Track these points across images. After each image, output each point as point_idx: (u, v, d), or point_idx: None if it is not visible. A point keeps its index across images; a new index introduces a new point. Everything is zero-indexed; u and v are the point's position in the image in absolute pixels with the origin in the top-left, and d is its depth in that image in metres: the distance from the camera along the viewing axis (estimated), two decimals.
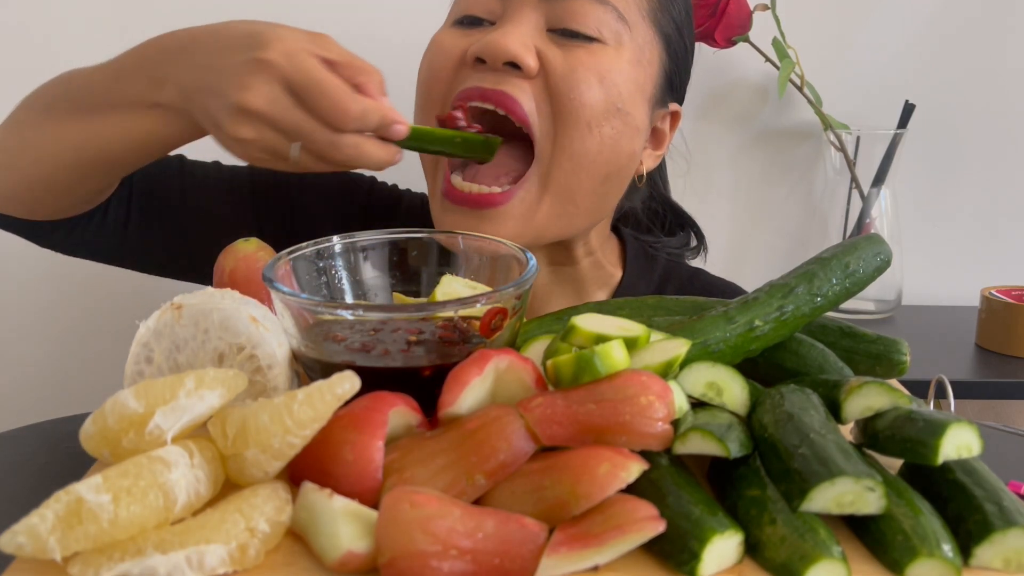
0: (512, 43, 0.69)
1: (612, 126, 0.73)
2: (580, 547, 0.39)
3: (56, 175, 0.71)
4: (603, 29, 0.72)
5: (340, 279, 0.61)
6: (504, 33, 0.70)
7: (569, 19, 0.72)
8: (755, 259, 1.38)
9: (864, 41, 1.31)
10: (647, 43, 0.77)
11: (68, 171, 0.71)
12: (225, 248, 0.64)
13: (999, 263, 1.38)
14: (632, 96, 0.75)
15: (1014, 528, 0.40)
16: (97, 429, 0.43)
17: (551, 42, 0.72)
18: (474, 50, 0.71)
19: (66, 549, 0.38)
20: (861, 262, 0.58)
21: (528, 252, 0.57)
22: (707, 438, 0.44)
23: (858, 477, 0.40)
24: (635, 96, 0.76)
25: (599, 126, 0.72)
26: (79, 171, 0.71)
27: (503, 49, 0.69)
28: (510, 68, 0.70)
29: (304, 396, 0.43)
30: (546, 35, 0.73)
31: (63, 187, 0.73)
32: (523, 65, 0.70)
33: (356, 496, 0.42)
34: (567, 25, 0.72)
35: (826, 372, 0.57)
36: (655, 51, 0.78)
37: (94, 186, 0.75)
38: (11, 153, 0.72)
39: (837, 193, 1.31)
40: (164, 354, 0.50)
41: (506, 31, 0.70)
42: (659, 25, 0.78)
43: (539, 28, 0.72)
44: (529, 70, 0.70)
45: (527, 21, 0.72)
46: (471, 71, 0.72)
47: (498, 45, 0.69)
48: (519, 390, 0.48)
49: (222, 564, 0.39)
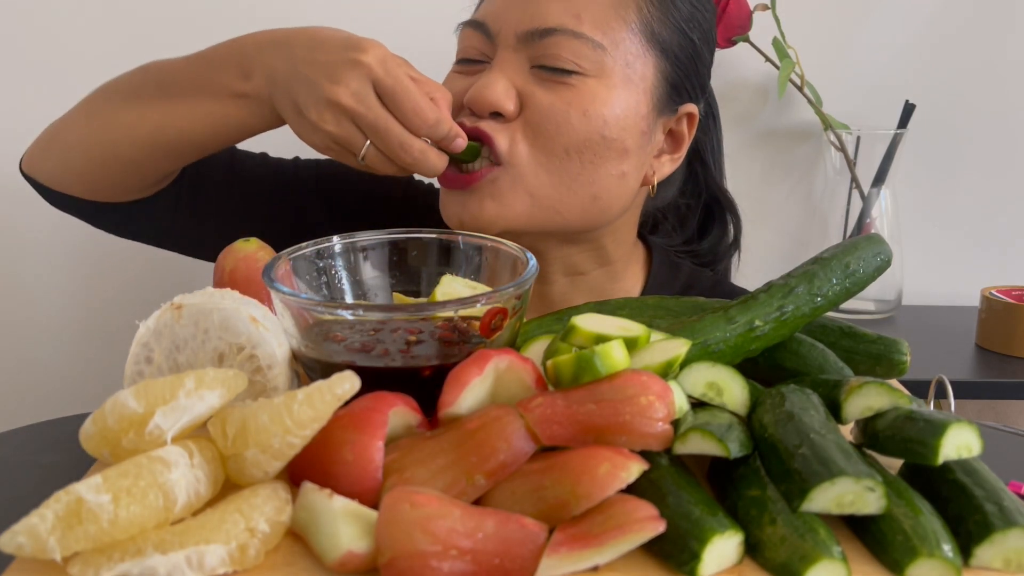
0: (491, 93, 0.74)
1: (594, 152, 0.76)
2: (580, 547, 0.39)
3: (132, 154, 0.76)
4: (582, 62, 0.75)
5: (340, 279, 0.61)
6: (486, 84, 0.74)
7: (547, 57, 0.75)
8: (755, 259, 1.38)
9: (864, 41, 1.30)
10: (636, 58, 0.77)
11: (145, 151, 0.76)
12: (225, 248, 0.64)
13: (999, 263, 1.38)
14: (622, 120, 0.76)
15: (1014, 528, 0.40)
16: (97, 429, 0.43)
17: (534, 80, 0.76)
18: (466, 101, 0.76)
19: (66, 549, 0.38)
20: (861, 262, 0.58)
21: (528, 252, 0.57)
22: (707, 438, 0.44)
23: (858, 477, 0.40)
24: (627, 118, 0.77)
25: (579, 153, 0.76)
26: (155, 152, 0.76)
27: (484, 101, 0.74)
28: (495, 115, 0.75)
29: (304, 396, 0.43)
30: (530, 73, 0.76)
31: (134, 168, 0.78)
32: (503, 112, 0.74)
33: (356, 496, 0.42)
34: (546, 63, 0.75)
35: (826, 372, 0.57)
36: (648, 64, 0.78)
37: (166, 168, 0.80)
38: (84, 135, 0.78)
39: (837, 193, 1.31)
40: (164, 354, 0.50)
41: (489, 80, 0.75)
42: (652, 35, 0.78)
43: (523, 68, 0.76)
44: (509, 115, 0.75)
45: (510, 64, 0.76)
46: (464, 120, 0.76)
47: (481, 97, 0.74)
48: (519, 390, 0.48)
49: (222, 564, 0.39)
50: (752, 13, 1.20)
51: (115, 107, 0.77)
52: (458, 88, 0.77)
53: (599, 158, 0.76)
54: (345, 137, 0.67)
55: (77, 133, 0.78)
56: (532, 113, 0.75)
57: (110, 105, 0.77)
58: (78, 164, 0.79)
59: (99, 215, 0.84)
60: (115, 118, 0.76)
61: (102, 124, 0.77)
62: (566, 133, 0.74)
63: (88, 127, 0.78)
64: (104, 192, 0.81)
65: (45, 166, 0.81)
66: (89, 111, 0.79)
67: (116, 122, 0.76)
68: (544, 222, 0.78)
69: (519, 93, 0.75)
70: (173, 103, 0.74)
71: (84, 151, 0.78)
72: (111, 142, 0.76)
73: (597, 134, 0.75)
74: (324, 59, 0.67)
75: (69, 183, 0.80)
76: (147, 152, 0.76)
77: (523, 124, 0.75)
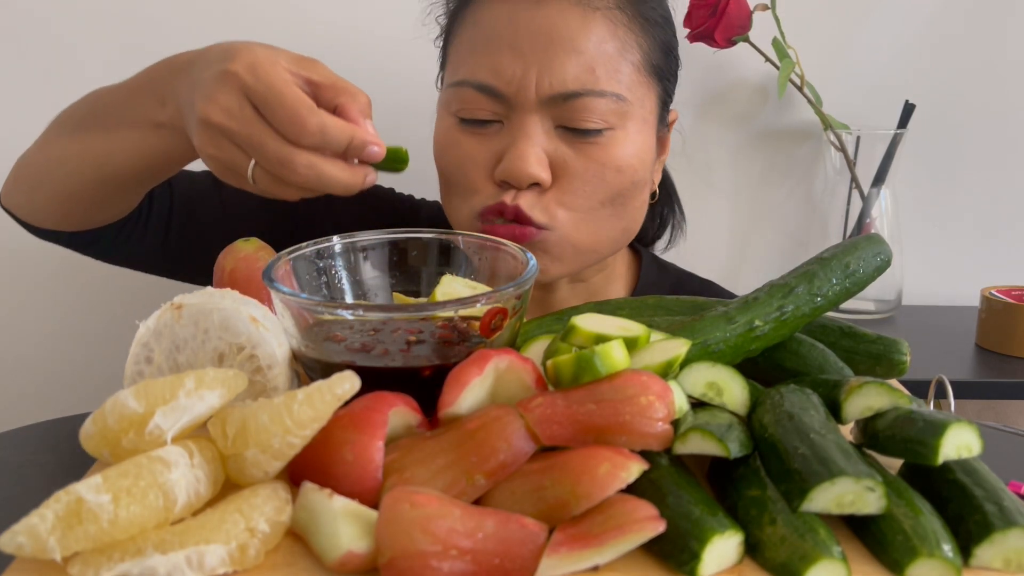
0: (528, 166, 0.73)
1: (624, 196, 0.78)
2: (580, 547, 0.39)
3: (82, 190, 0.74)
4: (608, 117, 0.75)
5: (340, 279, 0.61)
6: (521, 156, 0.73)
7: (574, 120, 0.75)
8: (755, 259, 1.38)
9: (864, 41, 1.30)
10: (645, 95, 0.79)
11: (92, 186, 0.74)
12: (225, 248, 0.64)
13: (999, 263, 1.38)
14: (644, 159, 0.79)
15: (1014, 528, 0.40)
16: (97, 429, 0.43)
17: (561, 141, 0.76)
18: (499, 175, 0.75)
19: (66, 549, 0.38)
20: (861, 262, 0.58)
21: (528, 253, 0.57)
22: (707, 438, 0.44)
23: (858, 477, 0.40)
24: (647, 155, 0.80)
25: (612, 201, 0.78)
26: (102, 187, 0.74)
27: (523, 175, 0.73)
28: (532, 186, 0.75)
29: (304, 396, 0.43)
30: (555, 133, 0.76)
31: (89, 201, 0.76)
32: (541, 182, 0.75)
33: (356, 496, 0.42)
34: (573, 125, 0.75)
35: (826, 372, 0.57)
36: (651, 94, 0.80)
37: (118, 200, 0.77)
38: (41, 169, 0.76)
39: (837, 193, 1.31)
40: (164, 354, 0.50)
41: (522, 152, 0.74)
42: (651, 66, 0.79)
43: (548, 129, 0.76)
44: (545, 183, 0.75)
45: (535, 129, 0.75)
46: (496, 188, 0.76)
47: (521, 173, 0.73)
48: (519, 390, 0.48)
49: (222, 564, 0.39)
50: (752, 13, 1.20)
51: (63, 140, 0.74)
52: (476, 153, 0.76)
53: (629, 199, 0.79)
54: (227, 159, 0.58)
55: (35, 167, 0.76)
56: (568, 180, 0.75)
57: (60, 138, 0.75)
58: (41, 198, 0.77)
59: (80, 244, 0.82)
60: (64, 151, 0.74)
61: (55, 157, 0.74)
62: (602, 191, 0.76)
63: (44, 161, 0.75)
64: (75, 222, 0.79)
65: (16, 200, 0.79)
66: (43, 144, 0.77)
67: (65, 155, 0.73)
68: (586, 262, 0.81)
69: (550, 159, 0.75)
70: (109, 135, 0.71)
71: (44, 185, 0.76)
72: (64, 175, 0.74)
73: (628, 182, 0.78)
74: (200, 77, 0.60)
75: (40, 217, 0.78)
76: (94, 187, 0.73)
77: (559, 191, 0.76)
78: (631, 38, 0.77)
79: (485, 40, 0.76)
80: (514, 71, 0.74)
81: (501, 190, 0.76)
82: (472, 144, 0.77)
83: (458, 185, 0.79)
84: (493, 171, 0.76)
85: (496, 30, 0.75)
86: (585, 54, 0.74)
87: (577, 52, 0.73)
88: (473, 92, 0.75)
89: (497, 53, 0.74)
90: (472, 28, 0.78)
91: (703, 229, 1.34)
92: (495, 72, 0.74)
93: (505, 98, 0.75)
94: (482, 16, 0.77)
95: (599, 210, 0.77)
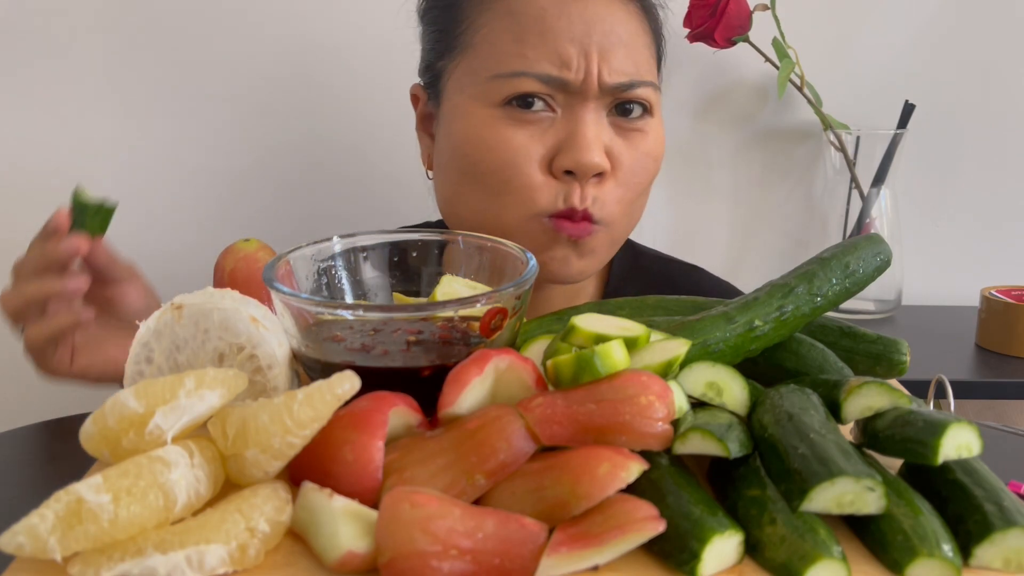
0: (596, 156, 0.75)
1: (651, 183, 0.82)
2: (580, 547, 0.39)
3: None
4: (650, 107, 0.79)
5: (340, 279, 0.61)
6: (588, 146, 0.74)
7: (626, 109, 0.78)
8: (755, 259, 1.38)
9: (864, 41, 1.30)
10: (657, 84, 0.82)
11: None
12: (225, 248, 0.64)
13: (999, 263, 1.38)
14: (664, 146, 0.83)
15: (1014, 528, 0.40)
16: (97, 429, 0.43)
17: (613, 129, 0.78)
18: (565, 165, 0.75)
19: (66, 549, 0.38)
20: (861, 262, 0.58)
21: (528, 252, 0.57)
22: (707, 438, 0.44)
23: (858, 477, 0.40)
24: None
25: (645, 190, 0.81)
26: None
27: (593, 165, 0.75)
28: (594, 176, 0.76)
29: (304, 396, 0.43)
30: (606, 121, 0.78)
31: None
32: (605, 172, 0.76)
33: (356, 496, 0.42)
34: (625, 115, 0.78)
35: (826, 372, 0.57)
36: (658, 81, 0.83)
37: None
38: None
39: (837, 193, 1.31)
40: (164, 354, 0.50)
41: (588, 143, 0.75)
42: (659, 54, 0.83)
43: (602, 119, 0.77)
44: (608, 173, 0.77)
45: (595, 119, 0.76)
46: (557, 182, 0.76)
47: (589, 163, 0.74)
48: (519, 390, 0.48)
49: (222, 564, 0.39)
50: (752, 13, 1.20)
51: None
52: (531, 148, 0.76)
53: (651, 186, 0.82)
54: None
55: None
56: (621, 172, 0.78)
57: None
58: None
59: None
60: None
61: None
62: (644, 180, 0.80)
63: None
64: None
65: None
66: None
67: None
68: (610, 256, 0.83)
69: (606, 148, 0.77)
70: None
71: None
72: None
73: (657, 168, 0.81)
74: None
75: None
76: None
77: (614, 183, 0.77)
78: (649, 31, 0.80)
79: (537, 30, 0.75)
80: (579, 61, 0.75)
81: (565, 187, 0.76)
82: (521, 133, 0.76)
83: (509, 184, 0.77)
84: (549, 164, 0.76)
85: (546, 20, 0.76)
86: (630, 45, 0.77)
87: (623, 44, 0.76)
88: (534, 82, 0.75)
89: (555, 42, 0.75)
90: (508, 18, 0.76)
91: (703, 229, 1.35)
92: (560, 62, 0.75)
93: (571, 88, 0.75)
94: (522, 5, 0.76)
95: (635, 201, 0.80)
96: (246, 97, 1.22)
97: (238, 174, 1.24)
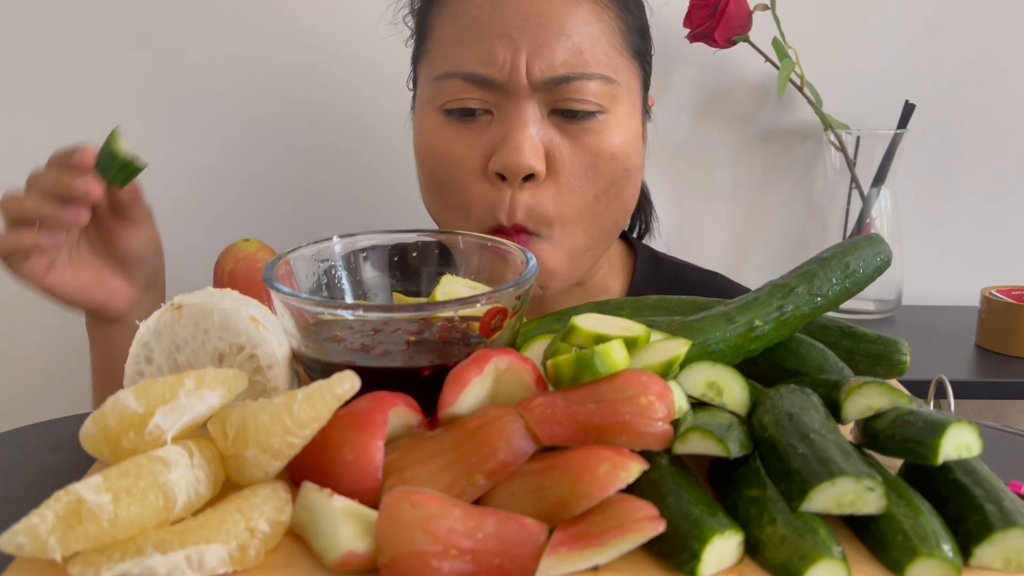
0: (526, 158, 0.72)
1: (618, 186, 0.76)
2: (580, 547, 0.39)
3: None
4: (600, 100, 0.74)
5: (340, 279, 0.61)
6: (517, 147, 0.72)
7: (567, 102, 0.73)
8: (755, 259, 1.38)
9: (864, 41, 1.30)
10: (630, 77, 0.78)
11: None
12: (225, 248, 0.64)
13: (999, 263, 1.38)
14: (634, 143, 0.77)
15: (1014, 528, 0.40)
16: (97, 429, 0.43)
17: (555, 128, 0.74)
18: (494, 167, 0.73)
19: (66, 549, 0.38)
20: (861, 262, 0.58)
21: (528, 252, 0.57)
22: (707, 438, 0.44)
23: (858, 477, 0.40)
24: (636, 139, 0.78)
25: (605, 193, 0.76)
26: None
27: (522, 167, 0.72)
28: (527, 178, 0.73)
29: (304, 396, 0.43)
30: (548, 120, 0.74)
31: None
32: (536, 174, 0.73)
33: (356, 496, 0.42)
34: (567, 107, 0.73)
35: (826, 372, 0.57)
36: (635, 77, 0.79)
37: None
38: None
39: (837, 193, 1.31)
40: (164, 354, 0.50)
41: (518, 143, 0.72)
42: (632, 48, 0.78)
43: (541, 116, 0.74)
44: (540, 175, 0.73)
45: (530, 117, 0.73)
46: (489, 186, 0.75)
47: (517, 165, 0.72)
48: (519, 390, 0.48)
49: (222, 564, 0.39)
50: (752, 13, 1.20)
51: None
52: (468, 153, 0.74)
53: (621, 188, 0.77)
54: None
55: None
56: (563, 174, 0.74)
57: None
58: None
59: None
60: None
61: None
62: (597, 183, 0.75)
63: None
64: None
65: None
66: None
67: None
68: (580, 266, 0.79)
69: (545, 149, 0.73)
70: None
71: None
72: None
73: (621, 169, 0.76)
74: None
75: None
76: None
77: (554, 185, 0.74)
78: (612, 20, 0.76)
79: (471, 30, 0.74)
80: (505, 57, 0.72)
81: (494, 190, 0.74)
82: (460, 140, 0.75)
83: (448, 189, 0.77)
84: (485, 167, 0.74)
85: (480, 19, 0.73)
86: (573, 37, 0.73)
87: (566, 36, 0.72)
88: (461, 83, 0.74)
89: (485, 41, 0.73)
90: (452, 21, 0.76)
91: (703, 229, 1.35)
92: (485, 60, 0.73)
93: (497, 85, 0.73)
94: (462, 7, 0.75)
95: (593, 205, 0.76)
96: (248, 97, 1.22)
97: (239, 174, 1.24)
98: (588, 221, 0.76)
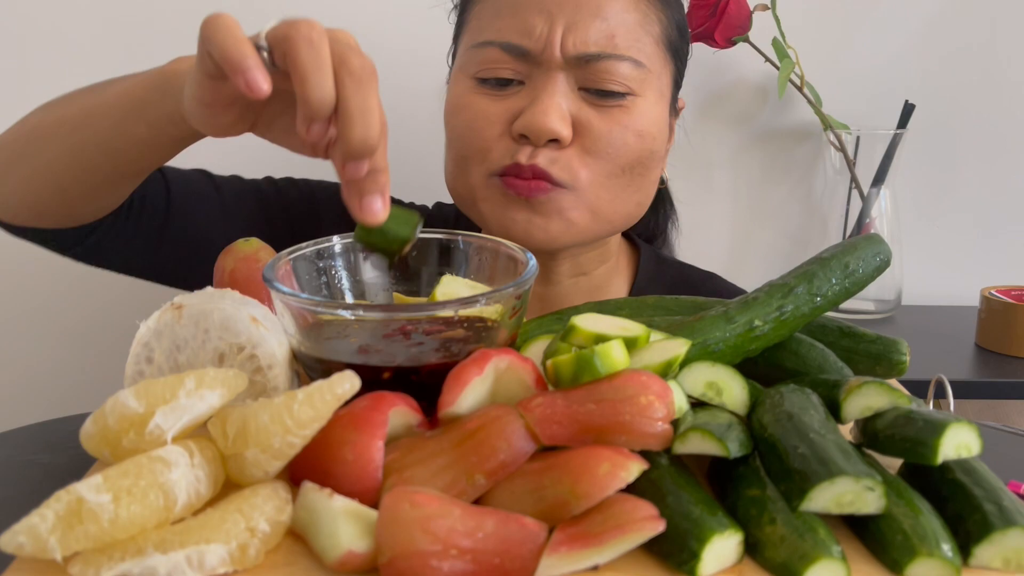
0: (551, 121, 0.73)
1: (643, 165, 0.78)
2: (580, 547, 0.39)
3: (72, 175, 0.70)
4: (630, 82, 0.76)
5: (340, 279, 0.61)
6: (544, 111, 0.73)
7: (597, 81, 0.75)
8: (755, 259, 1.38)
9: (864, 41, 1.30)
10: (662, 69, 0.80)
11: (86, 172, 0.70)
12: (225, 248, 0.64)
13: (999, 263, 1.38)
14: (660, 131, 0.80)
15: (1014, 528, 0.40)
16: (97, 429, 0.43)
17: (585, 102, 0.76)
18: (519, 128, 0.75)
19: (66, 549, 0.38)
20: (861, 262, 0.58)
21: (528, 252, 0.57)
22: (707, 438, 0.44)
23: (858, 477, 0.40)
24: (663, 129, 0.80)
25: (631, 168, 0.78)
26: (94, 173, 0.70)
27: (546, 129, 0.73)
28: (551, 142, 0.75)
29: (304, 396, 0.43)
30: (579, 95, 0.76)
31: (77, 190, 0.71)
32: (561, 139, 0.74)
33: (356, 496, 0.42)
34: (596, 86, 0.75)
35: (826, 372, 0.57)
36: (667, 71, 0.81)
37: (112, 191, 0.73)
38: (20, 148, 0.72)
39: (837, 193, 1.31)
40: (164, 354, 0.50)
41: (545, 107, 0.74)
42: (668, 42, 0.80)
43: (571, 89, 0.76)
44: (565, 141, 0.75)
45: (560, 87, 0.75)
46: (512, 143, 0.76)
47: (542, 126, 0.73)
48: (519, 390, 0.48)
49: (222, 564, 0.39)
50: (752, 13, 1.20)
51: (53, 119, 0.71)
52: (494, 112, 0.76)
53: (646, 169, 0.79)
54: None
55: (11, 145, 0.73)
56: (591, 140, 0.75)
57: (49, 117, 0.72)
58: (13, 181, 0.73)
59: (62, 245, 0.79)
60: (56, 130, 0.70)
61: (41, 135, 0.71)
62: (624, 154, 0.77)
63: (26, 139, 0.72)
64: (51, 217, 0.75)
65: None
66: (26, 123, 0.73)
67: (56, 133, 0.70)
68: (599, 233, 0.80)
69: (573, 118, 0.75)
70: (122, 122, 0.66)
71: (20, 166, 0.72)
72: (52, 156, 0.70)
73: (647, 150, 0.78)
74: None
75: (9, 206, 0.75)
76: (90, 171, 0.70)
77: (580, 150, 0.76)
78: (652, 11, 0.78)
79: (511, 4, 0.77)
80: (542, 29, 0.75)
81: (517, 147, 0.75)
82: (485, 102, 0.77)
83: (470, 146, 0.78)
84: (509, 129, 0.76)
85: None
86: (608, 20, 0.75)
87: (601, 18, 0.75)
88: (498, 51, 0.76)
89: (524, 12, 0.75)
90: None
91: (703, 229, 1.35)
92: (522, 30, 0.75)
93: (531, 56, 0.75)
94: None
95: (619, 176, 0.77)
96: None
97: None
98: (612, 191, 0.78)
